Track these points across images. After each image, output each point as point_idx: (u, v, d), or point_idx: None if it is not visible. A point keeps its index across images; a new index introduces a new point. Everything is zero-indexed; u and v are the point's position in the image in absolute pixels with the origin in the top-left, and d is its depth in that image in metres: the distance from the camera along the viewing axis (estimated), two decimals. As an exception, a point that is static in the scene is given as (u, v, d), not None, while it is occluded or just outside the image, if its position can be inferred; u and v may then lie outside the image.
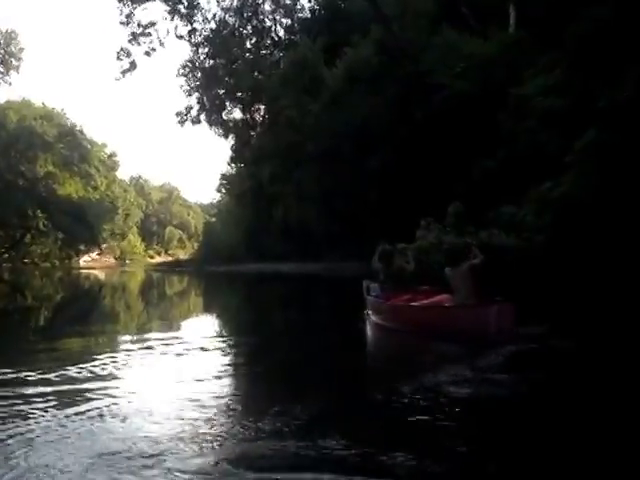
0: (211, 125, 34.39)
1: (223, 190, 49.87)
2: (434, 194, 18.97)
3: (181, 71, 33.42)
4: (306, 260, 29.56)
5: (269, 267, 31.01)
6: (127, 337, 9.46)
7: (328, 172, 27.37)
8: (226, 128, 34.34)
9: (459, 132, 20.04)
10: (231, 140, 35.24)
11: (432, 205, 16.90)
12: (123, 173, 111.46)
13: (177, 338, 8.65)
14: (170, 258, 75.60)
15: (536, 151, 14.86)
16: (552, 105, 14.70)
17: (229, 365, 6.96)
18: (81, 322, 11.82)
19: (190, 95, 33.76)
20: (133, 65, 31.77)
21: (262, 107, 32.47)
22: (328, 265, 27.01)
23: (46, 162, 47.93)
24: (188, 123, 34.01)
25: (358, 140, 26.15)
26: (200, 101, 33.64)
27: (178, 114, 33.96)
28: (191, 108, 34.06)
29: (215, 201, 61.80)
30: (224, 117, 34.11)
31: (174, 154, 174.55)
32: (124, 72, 31.89)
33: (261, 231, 38.34)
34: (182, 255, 76.91)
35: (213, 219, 59.02)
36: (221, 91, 32.62)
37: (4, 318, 13.30)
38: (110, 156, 68.02)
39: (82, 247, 56.58)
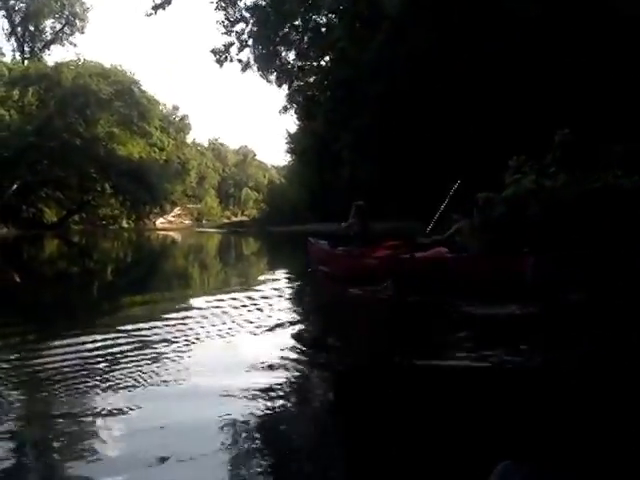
0: (262, 71, 29.41)
1: (289, 149, 46.39)
2: (522, 130, 13.56)
3: (221, 4, 28.40)
4: (372, 220, 25.46)
5: (331, 227, 27.27)
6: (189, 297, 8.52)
7: (387, 118, 22.22)
8: (280, 74, 29.34)
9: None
10: (285, 89, 30.31)
11: (519, 146, 11.63)
12: (201, 137, 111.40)
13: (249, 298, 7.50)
14: (246, 219, 73.59)
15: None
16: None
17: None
18: (147, 283, 11.31)
19: (230, 32, 28.74)
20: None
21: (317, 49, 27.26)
22: (393, 225, 22.70)
23: (104, 121, 44.71)
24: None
25: (422, 79, 20.76)
26: (241, 38, 28.64)
27: (215, 52, 29.07)
28: (231, 45, 29.09)
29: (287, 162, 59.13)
30: (277, 62, 28.99)
31: (251, 117, 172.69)
32: (156, 8, 27.87)
33: (325, 190, 35.00)
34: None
35: (283, 180, 56.37)
36: (274, 35, 27.53)
37: (74, 280, 12.47)
38: (181, 119, 65.28)
39: (153, 209, 53.54)
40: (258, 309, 6.62)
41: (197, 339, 5.04)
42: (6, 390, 3.61)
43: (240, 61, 30.08)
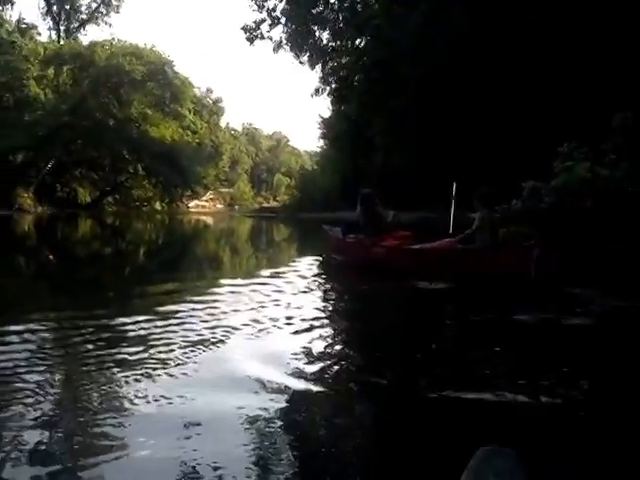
0: (295, 51, 28.35)
1: (321, 135, 45.48)
2: (573, 113, 12.35)
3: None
4: (403, 209, 24.48)
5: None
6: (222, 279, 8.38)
7: (424, 101, 21.05)
8: (313, 54, 28.26)
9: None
10: (319, 71, 29.23)
11: (569, 131, 10.45)
12: (235, 122, 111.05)
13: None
14: (277, 205, 73.22)
15: None
16: None
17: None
18: (179, 266, 11.15)
19: (261, 8, 27.67)
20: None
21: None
22: (422, 215, 21.45)
23: (136, 101, 44.29)
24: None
25: (462, 60, 19.53)
26: (273, 15, 27.56)
27: (246, 29, 28.07)
28: (262, 22, 28.04)
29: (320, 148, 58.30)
30: (311, 41, 27.90)
31: (286, 102, 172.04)
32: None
33: (358, 177, 34.00)
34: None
35: (315, 166, 55.51)
36: (307, 13, 26.43)
37: (107, 261, 12.26)
38: (215, 102, 64.75)
39: (185, 192, 53.18)
40: (290, 296, 6.42)
41: (227, 324, 4.87)
42: (42, 372, 3.53)
43: (271, 39, 29.12)
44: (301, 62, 29.69)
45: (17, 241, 17.27)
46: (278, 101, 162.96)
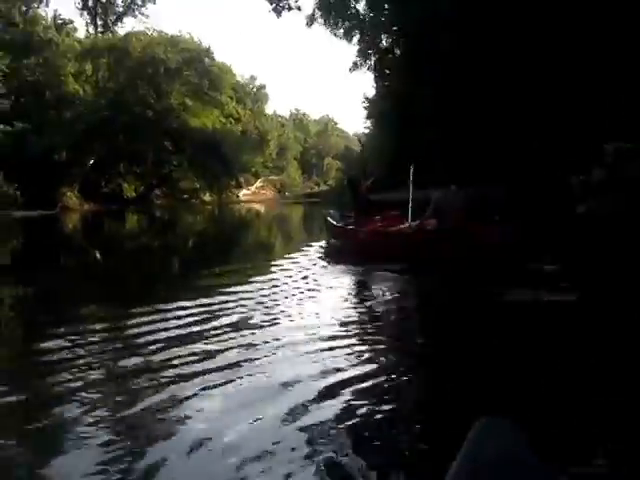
0: (329, 24, 26.18)
1: (367, 115, 43.25)
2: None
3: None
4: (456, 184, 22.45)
5: (405, 196, 24.49)
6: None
7: (465, 73, 18.65)
8: (349, 25, 26.03)
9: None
10: (356, 43, 27.00)
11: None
12: (283, 108, 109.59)
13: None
14: (328, 189, 71.65)
15: None
16: None
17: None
18: (231, 256, 10.94)
19: None
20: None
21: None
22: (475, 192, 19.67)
23: (175, 92, 43.05)
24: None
25: (506, 31, 16.96)
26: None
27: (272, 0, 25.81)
28: None
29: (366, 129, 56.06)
30: (346, 12, 25.66)
31: (333, 85, 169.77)
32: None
33: (404, 156, 31.87)
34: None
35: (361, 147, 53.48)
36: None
37: (157, 255, 12.34)
38: (259, 89, 63.33)
39: (230, 181, 51.86)
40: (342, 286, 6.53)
41: (280, 313, 4.99)
42: (97, 363, 3.64)
43: (299, 8, 26.59)
44: (336, 35, 27.50)
45: (65, 240, 17.38)
46: (324, 84, 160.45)
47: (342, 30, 26.67)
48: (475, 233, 6.91)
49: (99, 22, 47.92)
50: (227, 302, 5.57)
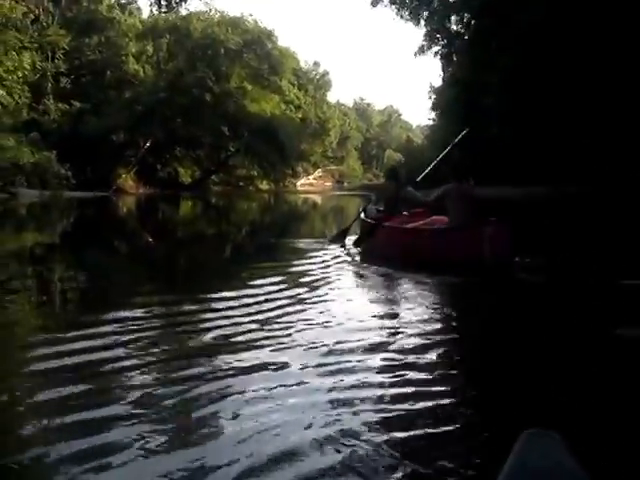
0: (395, 4, 24.15)
1: (432, 106, 41.01)
2: None
3: None
4: (528, 184, 21.18)
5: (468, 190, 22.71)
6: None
7: (544, 55, 16.40)
8: (417, 6, 23.90)
9: None
10: (422, 26, 24.86)
11: None
12: (347, 97, 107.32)
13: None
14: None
15: None
16: None
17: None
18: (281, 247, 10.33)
19: None
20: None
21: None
22: (554, 189, 19.02)
23: (234, 74, 41.75)
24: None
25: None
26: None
27: None
28: None
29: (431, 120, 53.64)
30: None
31: (398, 75, 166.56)
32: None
33: (470, 148, 29.59)
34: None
35: (425, 140, 51.03)
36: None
37: (209, 242, 12.20)
38: (322, 76, 61.73)
39: (287, 170, 50.36)
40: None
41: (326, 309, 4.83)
42: (146, 350, 3.63)
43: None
44: (403, 17, 25.45)
45: (117, 223, 17.34)
46: (389, 71, 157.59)
47: (408, 11, 24.55)
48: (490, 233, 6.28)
49: (163, 2, 47.26)
50: (273, 298, 5.24)
